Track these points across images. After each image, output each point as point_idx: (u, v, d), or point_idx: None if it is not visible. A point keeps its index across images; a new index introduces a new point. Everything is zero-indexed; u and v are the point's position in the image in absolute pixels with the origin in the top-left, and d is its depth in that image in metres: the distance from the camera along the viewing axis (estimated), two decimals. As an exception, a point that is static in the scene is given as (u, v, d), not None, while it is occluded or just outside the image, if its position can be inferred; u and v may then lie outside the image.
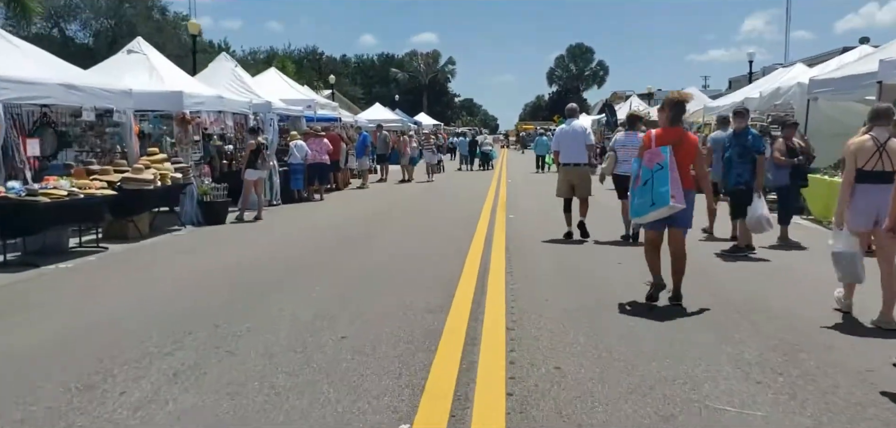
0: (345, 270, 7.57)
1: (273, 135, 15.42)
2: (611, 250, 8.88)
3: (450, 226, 11.28)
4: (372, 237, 10.31)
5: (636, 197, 5.81)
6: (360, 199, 16.99)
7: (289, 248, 9.61)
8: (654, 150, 5.68)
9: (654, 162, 5.62)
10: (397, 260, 8.22)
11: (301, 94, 19.34)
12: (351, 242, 9.78)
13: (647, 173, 5.64)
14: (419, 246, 9.35)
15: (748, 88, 18.58)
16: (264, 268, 7.90)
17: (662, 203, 5.49)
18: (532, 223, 11.39)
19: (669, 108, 5.87)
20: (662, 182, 5.51)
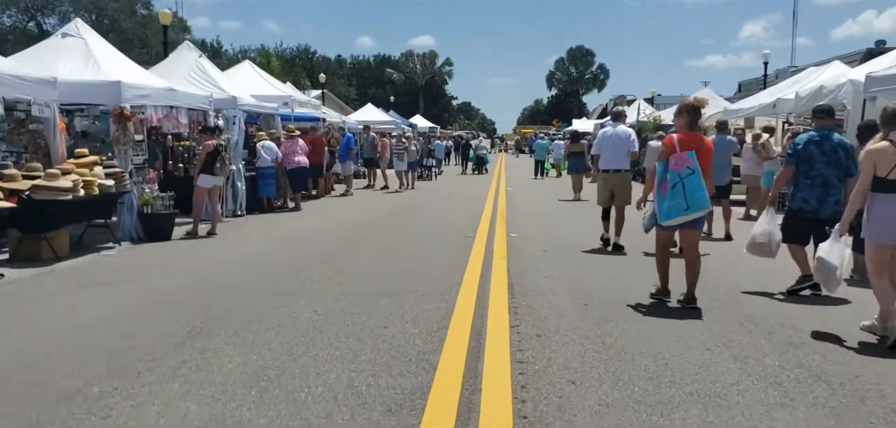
0: (295, 317, 5.58)
1: (238, 135, 13.42)
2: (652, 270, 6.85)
3: (439, 245, 9.31)
4: (339, 268, 8.31)
5: (667, 200, 5.83)
6: (341, 209, 14.99)
7: (230, 276, 7.59)
8: (681, 154, 5.79)
9: (684, 166, 5.75)
10: (362, 308, 6.20)
11: (278, 91, 17.33)
12: (311, 270, 7.78)
13: (676, 177, 5.75)
14: (396, 280, 7.35)
15: (774, 90, 16.64)
16: (184, 308, 5.88)
17: (699, 207, 5.74)
18: (538, 241, 9.44)
19: (687, 114, 6.02)
20: (697, 187, 5.71)
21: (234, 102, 13.37)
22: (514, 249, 8.98)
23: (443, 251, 8.87)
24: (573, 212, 14.29)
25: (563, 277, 7.25)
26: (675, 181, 5.75)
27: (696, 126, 6.07)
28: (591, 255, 8.69)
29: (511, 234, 10.39)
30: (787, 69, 33.61)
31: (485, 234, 10.49)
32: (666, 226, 5.99)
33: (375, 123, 38.47)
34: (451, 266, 7.78)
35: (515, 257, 8.38)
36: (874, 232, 5.01)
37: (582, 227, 11.21)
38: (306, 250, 9.10)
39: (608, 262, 8.28)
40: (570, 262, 8.19)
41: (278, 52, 63.53)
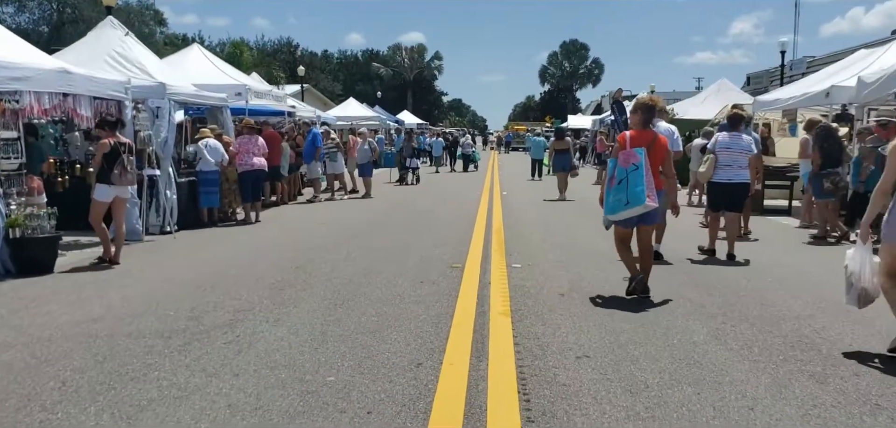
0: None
1: (167, 131, 10.70)
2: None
3: (413, 284, 6.64)
4: (250, 339, 5.63)
5: (611, 195, 5.95)
6: (299, 222, 12.27)
7: (75, 350, 4.89)
8: (629, 151, 5.84)
9: (630, 162, 5.81)
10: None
11: (232, 80, 14.60)
12: (207, 340, 5.09)
13: (623, 173, 5.83)
14: (343, 364, 4.69)
15: (821, 75, 14.03)
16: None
17: (637, 202, 5.78)
18: (551, 275, 6.80)
19: (642, 112, 6.11)
20: (637, 182, 5.77)
21: (161, 90, 10.64)
22: (519, 293, 6.31)
23: (417, 297, 6.18)
24: (583, 222, 11.67)
25: (604, 358, 4.59)
26: (622, 177, 5.84)
27: (651, 123, 6.21)
28: (629, 303, 6.04)
29: (513, 263, 7.72)
30: (802, 60, 31.17)
31: (477, 262, 7.83)
32: (611, 220, 6.04)
33: (359, 120, 35.88)
34: (426, 328, 5.12)
35: (523, 309, 5.72)
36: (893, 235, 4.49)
37: (605, 248, 8.59)
38: (223, 295, 6.39)
39: (667, 317, 5.63)
40: (608, 318, 5.53)
41: (260, 45, 60.64)
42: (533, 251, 8.67)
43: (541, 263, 7.85)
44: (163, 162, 10.83)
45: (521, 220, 12.07)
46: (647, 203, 5.73)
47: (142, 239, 9.88)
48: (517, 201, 15.72)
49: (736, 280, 6.93)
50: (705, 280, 6.90)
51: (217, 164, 11.65)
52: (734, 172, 8.11)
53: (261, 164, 12.07)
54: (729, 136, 8.23)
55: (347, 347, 4.70)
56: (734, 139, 8.19)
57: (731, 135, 8.25)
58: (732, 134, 8.25)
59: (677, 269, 7.50)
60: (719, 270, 7.45)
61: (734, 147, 8.13)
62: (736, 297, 6.21)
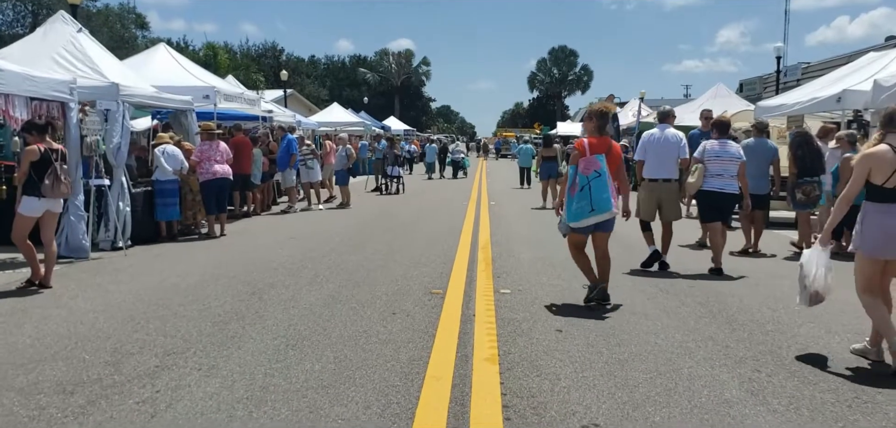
0: None
1: (119, 136, 9.67)
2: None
3: (384, 316, 5.66)
4: (174, 394, 4.63)
5: (575, 202, 5.90)
6: (268, 235, 11.23)
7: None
8: (590, 158, 5.86)
9: (592, 169, 5.83)
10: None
11: (200, 82, 13.56)
12: (121, 397, 4.10)
13: (584, 180, 5.83)
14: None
15: (830, 79, 13.19)
16: None
17: (604, 209, 5.83)
18: (544, 301, 5.85)
19: (597, 119, 6.10)
20: (603, 189, 5.81)
21: (113, 91, 9.62)
22: (509, 329, 5.34)
23: (387, 335, 5.20)
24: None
25: (611, 407, 3.62)
26: (584, 184, 5.83)
27: (605, 130, 6.14)
28: (641, 343, 5.10)
29: (501, 289, 6.75)
30: (796, 66, 30.52)
31: (460, 287, 6.86)
32: (575, 227, 5.99)
33: (343, 126, 34.88)
34: (394, 380, 4.14)
35: (513, 353, 4.75)
36: (870, 246, 4.50)
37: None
38: (156, 331, 5.38)
39: (688, 362, 4.68)
40: (618, 366, 4.57)
41: (243, 49, 59.37)
42: (523, 273, 7.71)
43: (533, 287, 6.89)
44: (115, 171, 9.81)
45: (511, 234, 11.11)
46: (613, 210, 5.88)
47: (88, 256, 8.84)
48: (506, 213, 14.77)
49: (758, 310, 6.00)
50: (724, 310, 5.97)
51: (176, 173, 10.63)
52: (725, 182, 7.71)
53: (224, 172, 11.03)
54: (718, 144, 7.81)
55: (291, 409, 3.71)
56: (723, 147, 7.78)
57: (719, 143, 7.82)
58: (721, 141, 7.83)
59: (688, 295, 6.56)
60: (737, 297, 6.52)
61: (724, 155, 7.72)
62: (763, 333, 5.28)
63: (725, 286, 7.05)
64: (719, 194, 7.71)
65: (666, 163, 7.91)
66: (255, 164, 13.93)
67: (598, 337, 5.07)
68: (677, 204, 8.10)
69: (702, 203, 8.08)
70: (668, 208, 7.94)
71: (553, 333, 5.19)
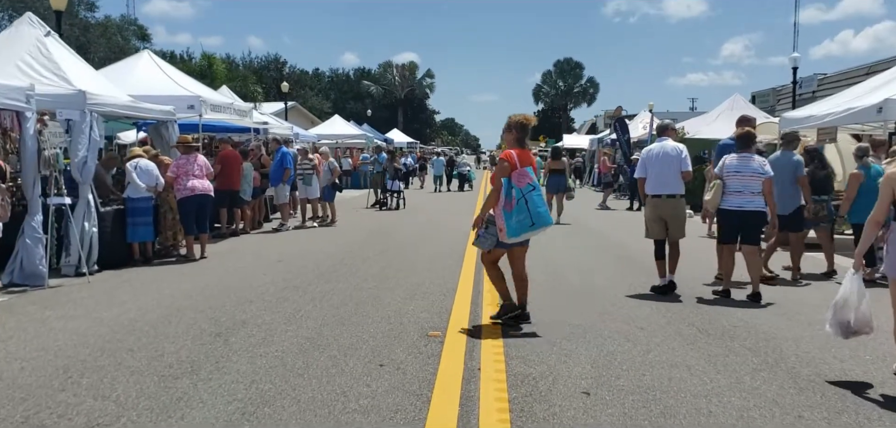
0: None
1: (86, 149, 8.72)
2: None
3: (368, 368, 4.65)
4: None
5: (514, 216, 5.62)
6: (252, 258, 10.23)
7: None
8: (522, 170, 5.70)
9: (526, 182, 5.67)
10: None
11: (185, 91, 12.62)
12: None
13: (520, 193, 5.63)
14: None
15: (865, 87, 12.15)
16: None
17: (544, 223, 5.68)
18: (565, 345, 4.83)
19: (517, 130, 5.91)
20: (539, 203, 5.66)
21: (79, 100, 8.68)
22: (524, 389, 4.32)
23: (369, 400, 4.18)
24: (596, 259, 9.71)
25: None
26: (519, 197, 5.63)
27: (525, 143, 5.98)
28: (689, 408, 4.07)
29: (510, 332, 5.71)
30: (812, 77, 29.49)
31: (463, 327, 5.83)
32: (511, 243, 5.76)
33: (345, 138, 33.99)
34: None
35: (529, 424, 3.73)
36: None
37: (636, 303, 6.65)
38: (86, 391, 4.39)
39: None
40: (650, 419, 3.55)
41: (245, 61, 58.70)
42: (537, 306, 6.66)
43: (549, 326, 5.86)
44: (80, 188, 8.86)
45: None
46: (554, 221, 5.48)
47: (45, 285, 7.87)
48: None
49: (822, 360, 4.98)
50: (782, 361, 4.94)
51: (150, 190, 9.66)
52: (746, 199, 7.07)
53: (204, 188, 10.03)
54: (738, 159, 7.19)
55: None
56: (744, 161, 7.15)
57: (740, 157, 7.19)
58: (741, 155, 7.19)
59: (734, 337, 5.53)
60: (792, 341, 5.50)
61: (745, 170, 7.11)
62: (839, 398, 4.24)
63: (773, 324, 6.01)
64: (738, 213, 7.09)
65: (667, 177, 7.39)
66: (245, 179, 12.97)
67: (636, 402, 4.04)
68: (684, 221, 7.52)
69: (720, 222, 7.44)
70: (674, 226, 7.42)
71: (579, 396, 4.16)
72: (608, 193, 21.23)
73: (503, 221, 5.61)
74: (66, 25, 38.34)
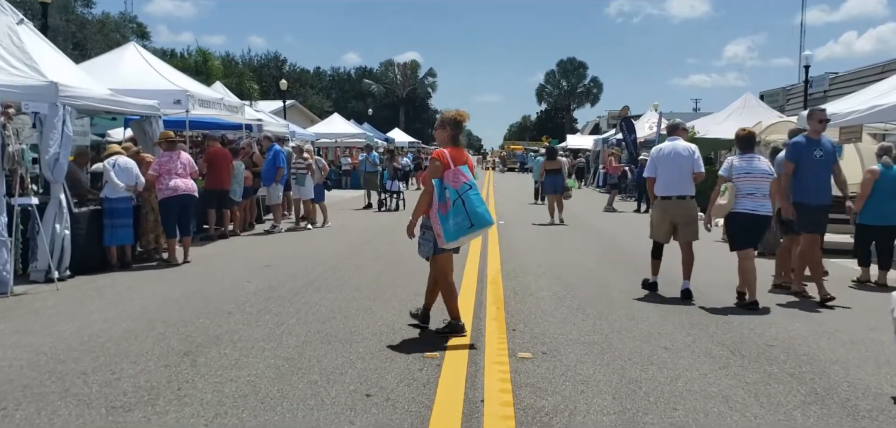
0: None
1: (59, 146, 8.08)
2: None
3: (344, 415, 4.00)
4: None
5: (451, 218, 5.22)
6: (246, 260, 9.58)
7: None
8: (457, 169, 5.35)
9: (461, 181, 5.32)
10: None
11: (171, 85, 11.97)
12: None
13: (455, 194, 5.26)
14: None
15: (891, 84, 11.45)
16: None
17: (484, 223, 5.30)
18: (588, 383, 4.18)
19: (451, 127, 5.53)
20: (478, 203, 5.29)
21: (51, 92, 8.03)
22: (535, 424, 3.66)
23: None
24: (609, 267, 9.04)
25: None
26: (455, 198, 5.25)
27: (459, 140, 5.60)
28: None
29: (519, 353, 5.05)
30: (823, 76, 28.79)
31: (464, 351, 5.16)
32: (451, 248, 5.39)
33: (344, 137, 33.32)
34: None
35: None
36: None
37: (659, 316, 5.98)
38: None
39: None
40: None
41: (245, 59, 58.08)
42: (545, 321, 6.01)
43: (560, 345, 5.19)
44: (52, 187, 8.22)
45: (525, 263, 9.41)
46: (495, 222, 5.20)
47: (8, 292, 7.22)
48: (517, 234, 13.10)
49: (877, 386, 4.32)
50: (833, 391, 4.28)
51: (129, 190, 9.02)
52: (758, 202, 6.79)
53: (187, 187, 9.38)
54: (744, 161, 6.91)
55: None
56: (750, 163, 6.88)
57: (745, 158, 6.91)
58: (746, 156, 6.93)
59: (772, 360, 4.87)
60: (840, 365, 4.83)
61: (755, 172, 6.82)
62: None
63: (812, 344, 5.34)
64: (752, 217, 6.77)
65: (679, 179, 7.11)
66: (236, 178, 12.32)
67: (670, 446, 3.37)
68: (696, 223, 7.17)
69: (732, 227, 7.01)
70: (685, 229, 7.11)
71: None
72: (614, 195, 20.57)
73: (440, 225, 5.24)
74: (62, 21, 37.79)
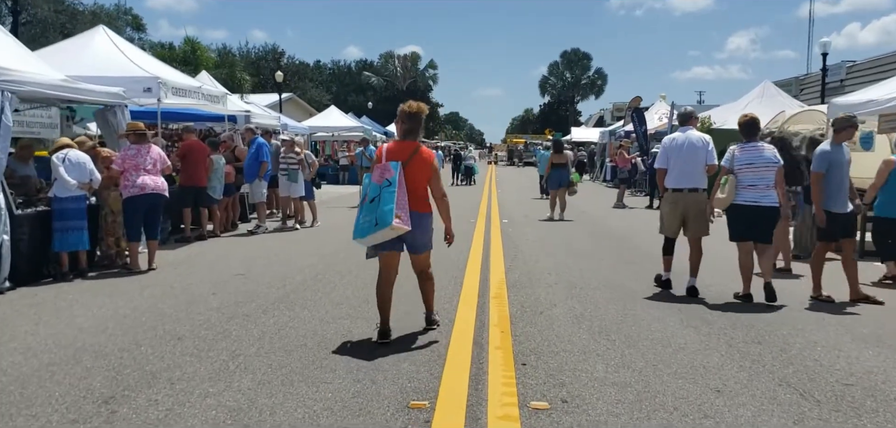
0: None
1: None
2: None
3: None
4: None
5: (361, 215, 4.97)
6: (218, 267, 8.50)
7: None
8: (384, 164, 4.98)
9: (383, 178, 4.93)
10: None
11: (142, 71, 10.85)
12: None
13: (375, 190, 4.91)
14: None
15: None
16: None
17: (385, 223, 4.79)
18: None
19: (406, 121, 5.15)
20: (388, 201, 4.82)
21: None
22: None
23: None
24: (631, 275, 7.92)
25: None
26: (374, 195, 4.90)
27: (416, 134, 5.17)
28: None
29: (531, 402, 3.94)
30: (840, 65, 27.61)
31: (462, 394, 4.07)
32: (361, 243, 5.02)
33: (342, 130, 32.18)
34: None
35: None
36: None
37: (698, 339, 4.88)
38: None
39: None
40: None
41: (243, 52, 56.94)
42: (564, 350, 4.91)
43: (585, 387, 4.10)
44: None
45: (533, 270, 8.31)
46: (395, 224, 4.78)
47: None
48: (523, 236, 11.99)
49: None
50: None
51: (83, 188, 7.93)
52: (761, 193, 6.47)
53: (155, 185, 8.29)
54: (747, 150, 6.57)
55: None
56: (753, 152, 6.52)
57: (748, 147, 6.58)
58: (749, 145, 6.58)
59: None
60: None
61: (758, 161, 6.48)
62: None
63: (870, 362, 4.23)
64: (753, 209, 6.45)
65: (691, 170, 6.82)
66: (215, 173, 11.24)
67: None
68: (705, 217, 6.87)
69: (731, 218, 6.68)
70: (695, 223, 6.82)
71: None
72: (624, 190, 19.45)
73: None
74: (50, 12, 36.72)
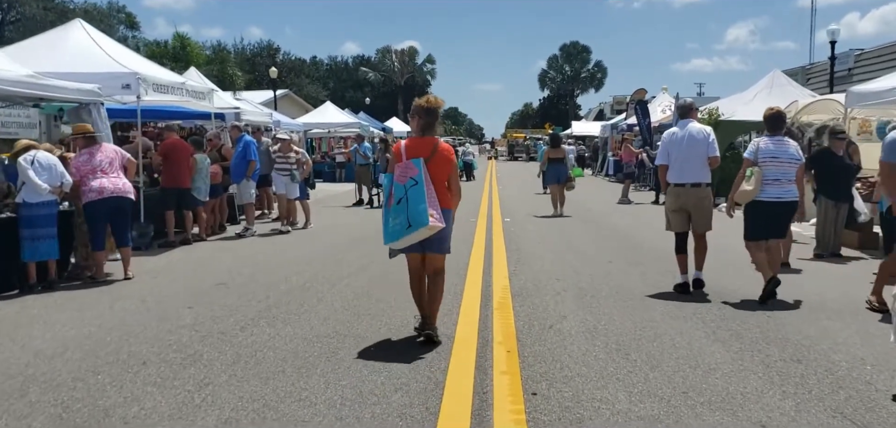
0: None
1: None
2: None
3: None
4: None
5: (390, 218, 4.76)
6: (198, 276, 7.91)
7: None
8: (406, 163, 4.81)
9: (408, 177, 4.75)
10: None
11: (121, 67, 10.22)
12: None
13: (401, 190, 4.72)
14: None
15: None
16: None
17: (420, 223, 4.63)
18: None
19: (423, 116, 4.95)
20: (419, 200, 4.66)
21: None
22: None
23: None
24: (644, 278, 7.32)
25: None
26: (401, 195, 4.70)
27: (433, 130, 4.98)
28: None
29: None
30: (847, 53, 27.00)
31: (463, 423, 3.49)
32: (392, 248, 4.88)
33: (338, 127, 31.53)
34: None
35: None
36: None
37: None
38: None
39: None
40: None
41: (238, 48, 56.30)
42: (579, 374, 4.32)
43: (606, 422, 3.51)
44: (-56, 190, 6.54)
45: (538, 275, 7.71)
46: (431, 223, 4.58)
47: None
48: (524, 233, 11.40)
49: None
50: None
51: (54, 192, 7.33)
52: (784, 189, 6.35)
53: (116, 188, 7.63)
54: (773, 143, 6.43)
55: None
56: (779, 146, 6.40)
57: (774, 140, 6.43)
58: (775, 139, 6.45)
59: (879, 407, 3.20)
60: None
61: (783, 156, 6.35)
62: None
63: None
64: (776, 205, 6.32)
65: (693, 164, 6.63)
66: (200, 174, 10.63)
67: None
68: (710, 212, 6.76)
69: (752, 215, 6.49)
70: (699, 218, 6.69)
71: None
72: (629, 185, 18.88)
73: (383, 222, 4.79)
74: (40, 9, 36.13)
